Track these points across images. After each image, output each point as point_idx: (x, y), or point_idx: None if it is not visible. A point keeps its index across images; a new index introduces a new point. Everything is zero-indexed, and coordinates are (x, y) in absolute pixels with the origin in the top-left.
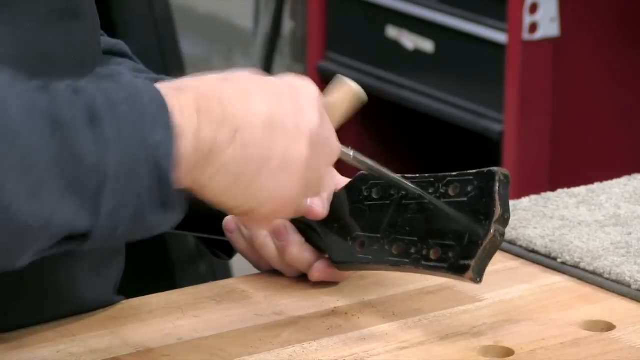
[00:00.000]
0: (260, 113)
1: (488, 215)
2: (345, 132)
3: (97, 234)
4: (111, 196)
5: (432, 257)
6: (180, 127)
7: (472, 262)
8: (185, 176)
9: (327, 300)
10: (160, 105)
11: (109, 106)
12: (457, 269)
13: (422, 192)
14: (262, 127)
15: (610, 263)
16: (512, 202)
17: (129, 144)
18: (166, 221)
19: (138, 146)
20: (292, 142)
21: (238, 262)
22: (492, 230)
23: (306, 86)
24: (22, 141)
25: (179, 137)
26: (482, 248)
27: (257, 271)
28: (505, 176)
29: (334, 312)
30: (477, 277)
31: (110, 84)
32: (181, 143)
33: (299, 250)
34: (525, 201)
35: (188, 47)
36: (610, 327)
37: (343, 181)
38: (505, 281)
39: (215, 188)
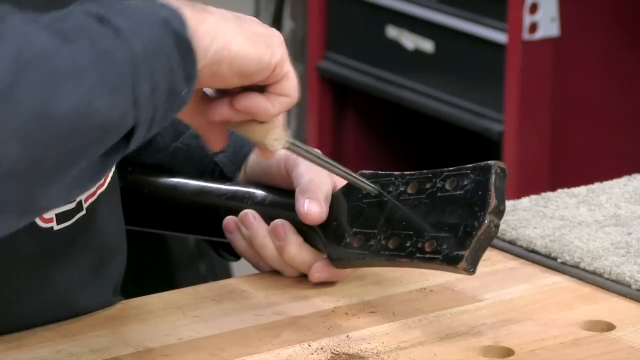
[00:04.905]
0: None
1: (483, 206)
2: (345, 132)
3: (140, 126)
4: (146, 80)
5: (427, 249)
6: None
7: (466, 252)
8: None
9: (327, 300)
10: None
11: (105, 8)
12: (451, 260)
13: (375, 187)
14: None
15: (610, 263)
16: (512, 202)
17: (144, 28)
18: (190, 93)
19: (152, 27)
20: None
21: (238, 262)
22: (486, 221)
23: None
24: (64, 53)
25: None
26: (476, 238)
27: (257, 271)
28: (502, 169)
29: (334, 312)
30: (471, 268)
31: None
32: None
33: (297, 250)
34: (525, 201)
35: None
36: (610, 327)
37: (341, 183)
38: (505, 281)
39: (227, 39)
